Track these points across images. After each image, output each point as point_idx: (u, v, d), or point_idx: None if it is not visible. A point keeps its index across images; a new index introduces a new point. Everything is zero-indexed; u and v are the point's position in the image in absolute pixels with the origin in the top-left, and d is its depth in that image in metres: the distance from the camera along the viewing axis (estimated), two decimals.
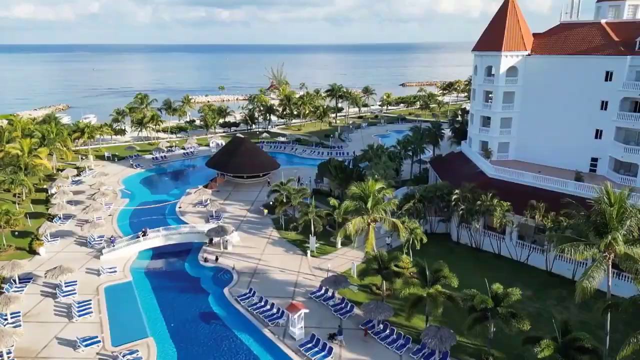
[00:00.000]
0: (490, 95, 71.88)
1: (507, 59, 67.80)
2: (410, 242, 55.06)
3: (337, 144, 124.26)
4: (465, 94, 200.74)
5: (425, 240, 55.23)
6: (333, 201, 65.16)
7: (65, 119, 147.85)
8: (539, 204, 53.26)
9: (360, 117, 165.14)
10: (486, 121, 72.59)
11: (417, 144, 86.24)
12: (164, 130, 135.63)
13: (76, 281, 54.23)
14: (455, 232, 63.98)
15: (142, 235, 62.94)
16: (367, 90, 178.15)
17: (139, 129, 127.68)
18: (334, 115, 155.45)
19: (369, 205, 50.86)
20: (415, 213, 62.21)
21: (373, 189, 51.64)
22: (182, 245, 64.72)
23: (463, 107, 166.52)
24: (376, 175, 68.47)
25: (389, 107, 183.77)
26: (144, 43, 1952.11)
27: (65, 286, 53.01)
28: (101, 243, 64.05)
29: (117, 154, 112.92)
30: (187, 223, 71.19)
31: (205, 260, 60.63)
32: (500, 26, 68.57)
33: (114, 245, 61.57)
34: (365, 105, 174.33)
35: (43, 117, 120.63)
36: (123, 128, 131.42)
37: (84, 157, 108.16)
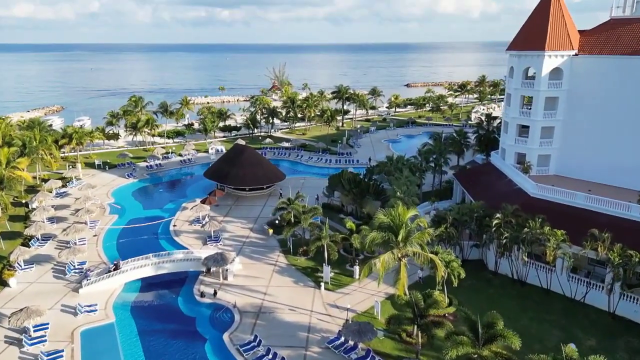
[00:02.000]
0: (528, 101, 63.12)
1: (551, 60, 58.98)
2: (446, 276, 46.29)
3: (346, 150, 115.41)
4: (476, 95, 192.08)
5: (463, 275, 46.53)
6: (350, 224, 56.77)
7: (58, 122, 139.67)
8: (602, 233, 44.33)
9: (367, 120, 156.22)
10: (523, 130, 63.84)
11: (440, 154, 77.15)
12: (160, 135, 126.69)
13: (48, 324, 45.43)
14: (492, 260, 55.00)
15: (114, 269, 53.70)
16: (374, 92, 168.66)
17: (133, 134, 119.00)
18: (339, 118, 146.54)
19: (400, 237, 41.93)
20: (447, 239, 53.36)
21: (405, 217, 42.57)
22: (175, 274, 55.92)
23: (476, 110, 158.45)
24: (398, 193, 59.67)
25: (397, 110, 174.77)
26: (144, 42, 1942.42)
27: (34, 331, 44.27)
28: (82, 272, 55.41)
29: (108, 161, 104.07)
30: (181, 245, 62.82)
31: (202, 295, 51.72)
32: (543, 22, 59.68)
33: (88, 279, 52.69)
34: (373, 108, 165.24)
35: (27, 121, 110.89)
36: (117, 132, 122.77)
37: (71, 166, 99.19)
